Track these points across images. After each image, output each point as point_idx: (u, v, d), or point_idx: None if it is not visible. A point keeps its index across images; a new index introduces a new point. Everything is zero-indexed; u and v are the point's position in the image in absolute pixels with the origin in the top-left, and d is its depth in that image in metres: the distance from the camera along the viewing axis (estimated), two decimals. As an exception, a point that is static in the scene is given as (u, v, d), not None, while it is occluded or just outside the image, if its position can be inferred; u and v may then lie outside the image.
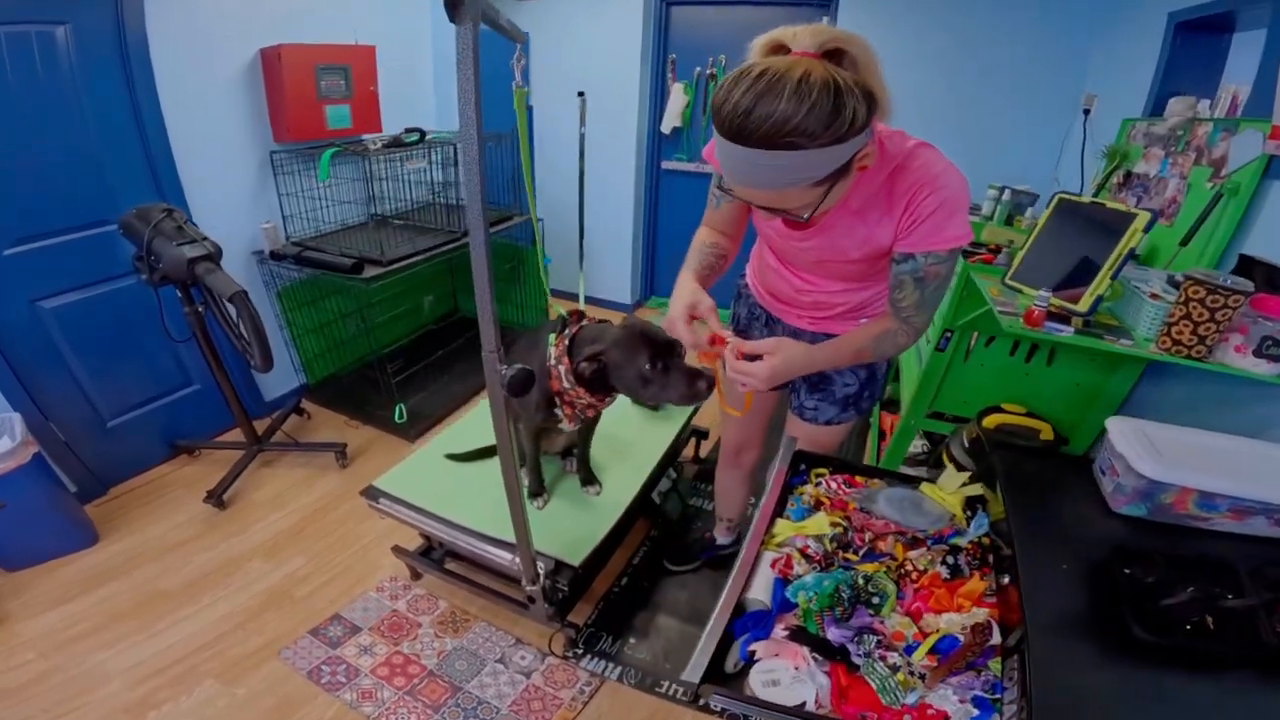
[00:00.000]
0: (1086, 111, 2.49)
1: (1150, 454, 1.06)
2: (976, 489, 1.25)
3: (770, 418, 1.63)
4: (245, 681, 1.55)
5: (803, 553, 1.07)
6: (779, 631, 0.93)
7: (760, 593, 0.98)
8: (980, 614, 0.99)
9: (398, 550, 1.83)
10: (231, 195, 2.52)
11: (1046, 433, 1.78)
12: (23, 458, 1.76)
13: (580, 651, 1.69)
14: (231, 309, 2.01)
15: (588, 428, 1.72)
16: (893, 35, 2.87)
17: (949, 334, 1.85)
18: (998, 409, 1.80)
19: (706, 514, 2.25)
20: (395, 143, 2.62)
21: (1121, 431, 1.13)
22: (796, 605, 0.97)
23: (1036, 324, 1.46)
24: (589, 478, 1.77)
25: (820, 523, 1.14)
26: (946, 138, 3.00)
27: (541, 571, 1.41)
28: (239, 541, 2.04)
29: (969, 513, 1.23)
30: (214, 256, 2.02)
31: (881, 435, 2.53)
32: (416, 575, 1.90)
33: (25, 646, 1.62)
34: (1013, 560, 1.01)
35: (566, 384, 1.35)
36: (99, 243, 2.14)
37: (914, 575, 1.07)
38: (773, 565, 1.04)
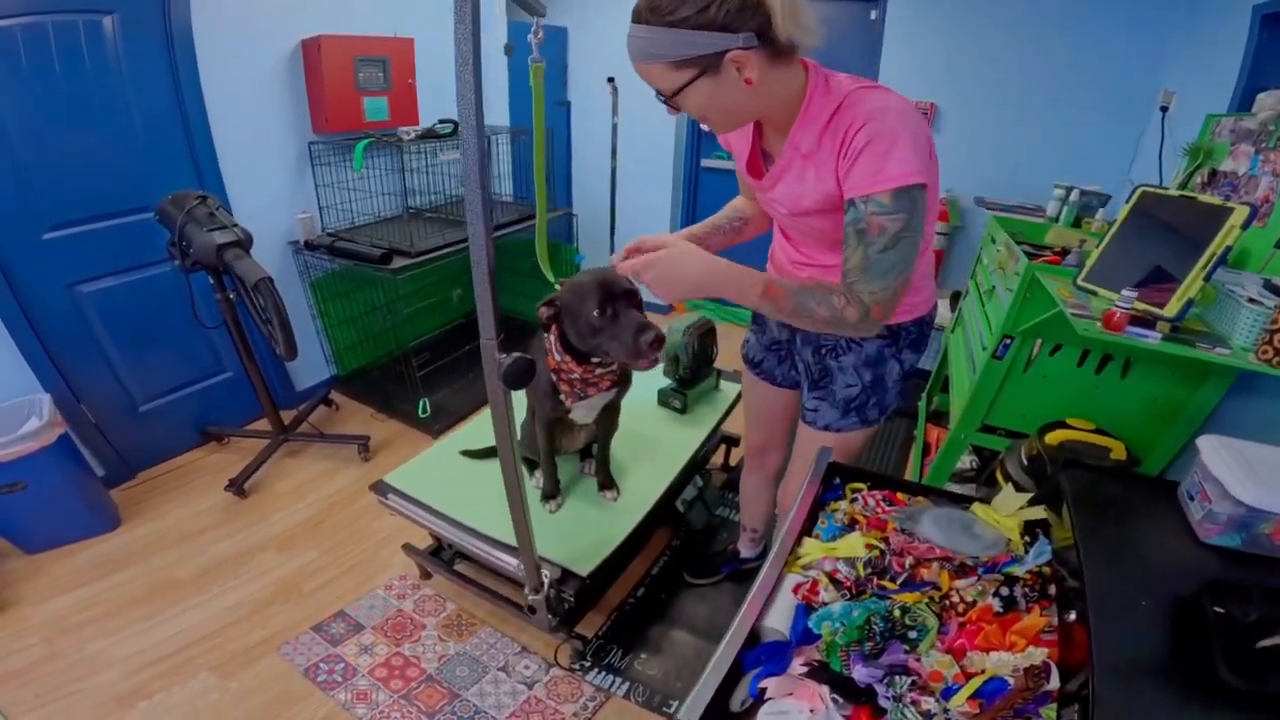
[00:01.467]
0: (1164, 108, 2.29)
1: (1250, 478, 0.90)
2: (1038, 512, 1.10)
3: (793, 419, 1.51)
4: (240, 675, 1.51)
5: (831, 577, 0.94)
6: (796, 666, 0.81)
7: (778, 621, 0.86)
8: (1037, 654, 0.84)
9: (408, 548, 1.77)
10: (270, 185, 2.53)
11: (1118, 451, 1.60)
12: (47, 439, 1.77)
13: (587, 664, 1.59)
14: (259, 296, 2.00)
15: (607, 426, 1.62)
16: (954, 32, 2.69)
17: (1008, 340, 1.68)
18: (1062, 424, 1.63)
19: (733, 525, 2.12)
20: (429, 134, 2.60)
21: (1217, 452, 0.97)
22: (819, 637, 0.84)
23: (1117, 328, 1.29)
24: (607, 481, 1.67)
25: (854, 544, 1.00)
26: (1012, 135, 2.79)
27: (546, 580, 1.31)
28: (256, 531, 2.02)
29: (1027, 538, 1.08)
30: (243, 243, 2.01)
31: (926, 449, 2.35)
32: (426, 575, 1.83)
33: (31, 630, 1.62)
34: (1081, 593, 0.87)
35: (556, 355, 1.29)
36: (138, 229, 2.16)
37: (960, 607, 0.93)
38: (795, 590, 0.91)
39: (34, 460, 1.74)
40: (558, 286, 1.32)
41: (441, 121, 2.60)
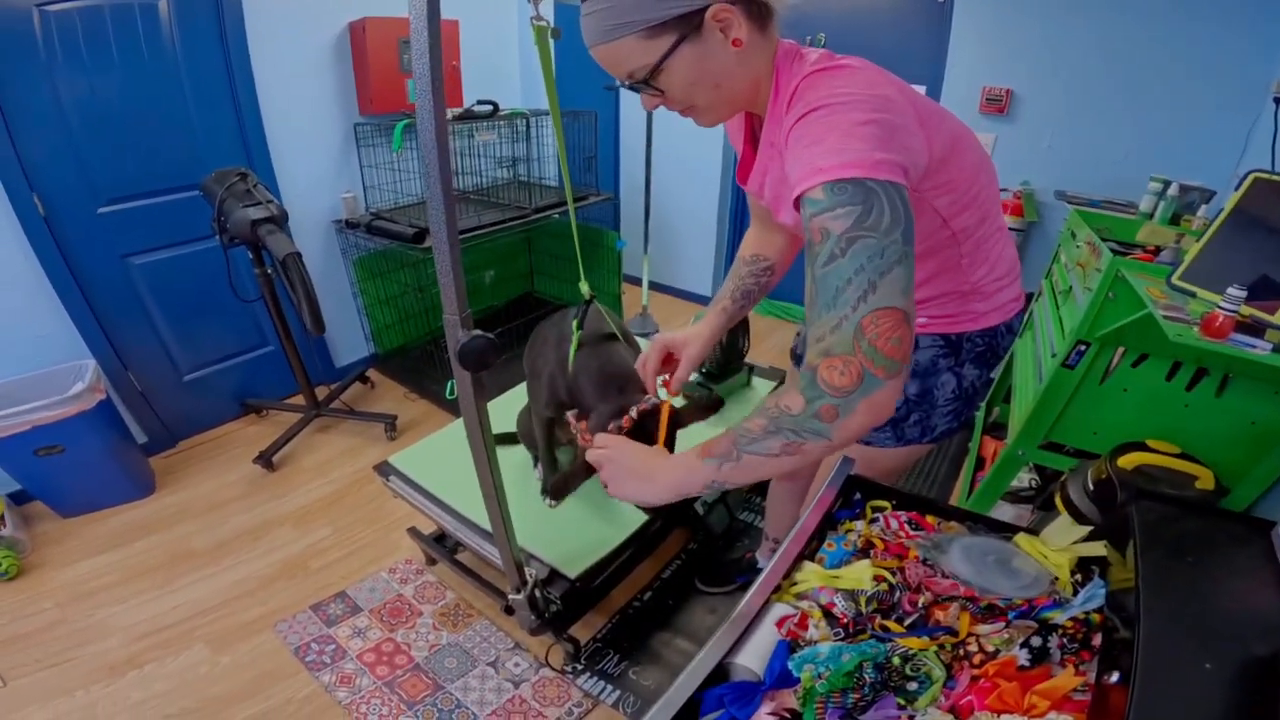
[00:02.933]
0: (1278, 100, 1.97)
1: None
2: (1096, 548, 0.92)
3: None
4: (233, 650, 1.52)
5: (826, 611, 0.81)
6: (764, 715, 0.68)
7: (753, 658, 0.74)
8: None
9: (414, 533, 1.74)
10: (317, 165, 2.58)
11: (1205, 480, 1.37)
12: (86, 404, 1.83)
13: (580, 667, 1.51)
14: (287, 271, 2.02)
15: None
16: (1033, 13, 2.41)
17: (1083, 347, 1.46)
18: (1141, 446, 1.40)
19: (756, 531, 1.98)
20: (467, 114, 2.56)
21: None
22: (799, 681, 0.71)
23: (1219, 335, 1.09)
24: None
25: (859, 574, 0.86)
26: (1099, 124, 2.48)
27: (530, 578, 1.23)
28: (276, 506, 2.04)
29: (1078, 577, 0.91)
30: (277, 219, 2.04)
31: (980, 463, 2.12)
32: (431, 561, 1.79)
33: (47, 595, 1.68)
34: (1132, 648, 0.70)
35: None
36: (189, 205, 2.23)
37: (976, 658, 0.77)
38: (779, 623, 0.79)
39: (72, 424, 1.81)
40: (585, 292, 1.22)
41: (480, 102, 2.56)
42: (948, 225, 0.87)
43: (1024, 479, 1.92)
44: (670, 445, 0.98)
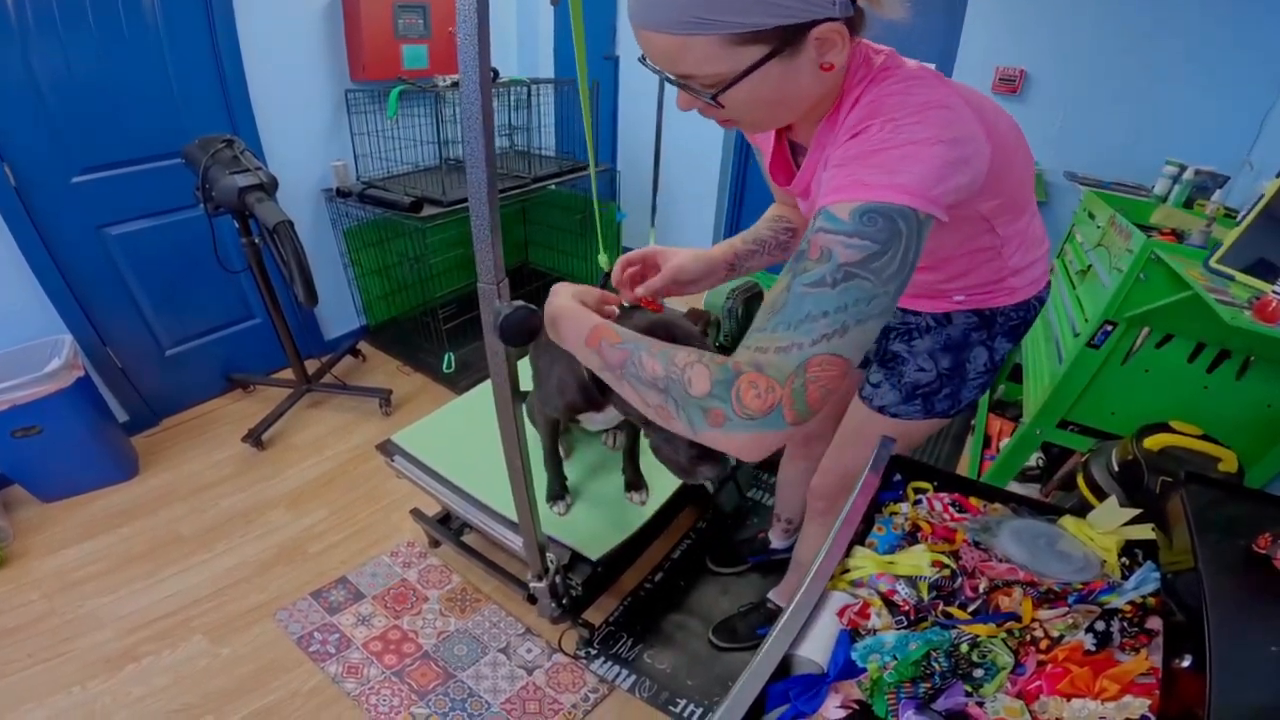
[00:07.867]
0: None
1: None
2: (1144, 531, 0.90)
3: (848, 405, 1.33)
4: (232, 641, 1.45)
5: (886, 599, 0.77)
6: (831, 708, 0.65)
7: (815, 650, 0.70)
8: (1136, 705, 0.67)
9: (416, 514, 1.68)
10: (306, 132, 2.46)
11: (1229, 462, 1.37)
12: (63, 382, 1.72)
13: (593, 652, 1.47)
14: (278, 240, 1.92)
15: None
16: None
17: (1109, 327, 1.45)
18: (1164, 427, 1.39)
19: (765, 510, 1.96)
20: (465, 80, 2.45)
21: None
22: (865, 671, 0.68)
23: (1272, 319, 1.08)
24: (636, 480, 1.46)
25: (917, 559, 0.83)
26: (1112, 108, 2.44)
27: (552, 564, 1.18)
28: (267, 487, 1.96)
29: (1124, 560, 0.89)
30: (266, 187, 1.93)
31: (986, 442, 2.12)
32: (435, 543, 1.73)
33: (33, 585, 1.58)
34: (1195, 632, 0.69)
35: None
36: (170, 173, 2.09)
37: (1043, 643, 0.75)
38: (840, 613, 0.75)
39: (50, 403, 1.70)
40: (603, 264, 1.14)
41: (478, 68, 2.45)
42: (993, 229, 0.85)
43: (1031, 458, 1.92)
44: None
